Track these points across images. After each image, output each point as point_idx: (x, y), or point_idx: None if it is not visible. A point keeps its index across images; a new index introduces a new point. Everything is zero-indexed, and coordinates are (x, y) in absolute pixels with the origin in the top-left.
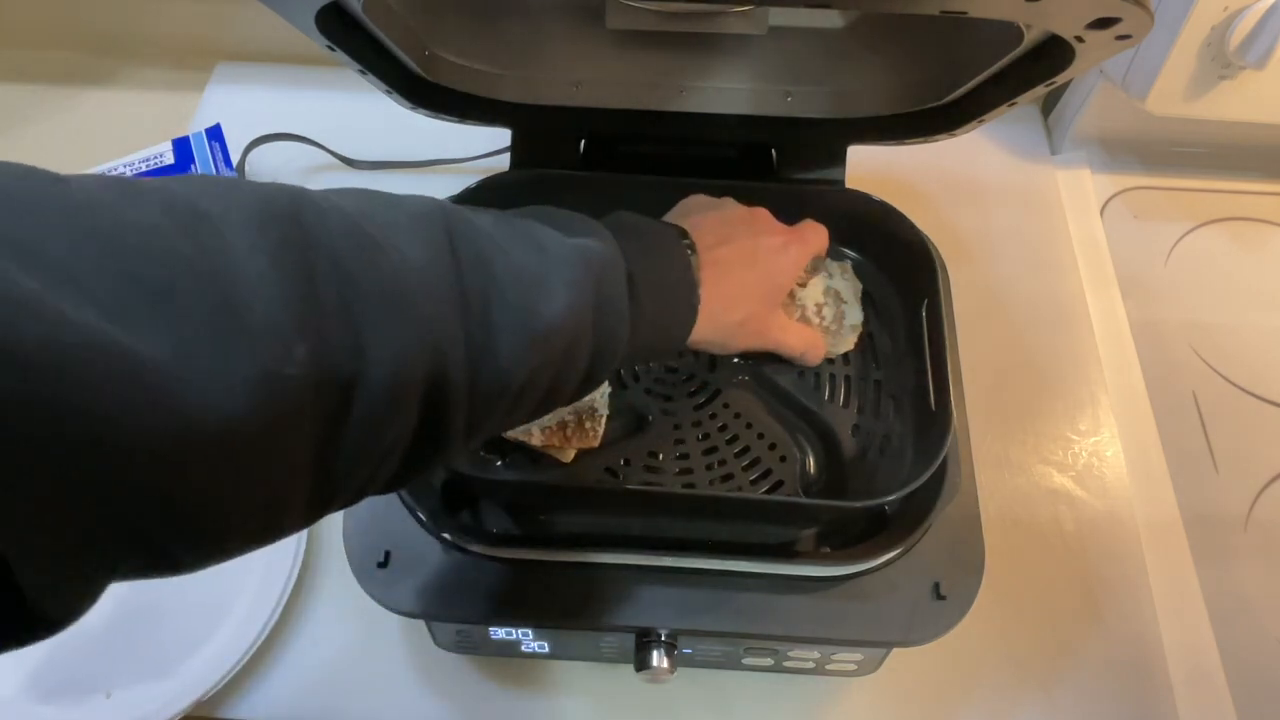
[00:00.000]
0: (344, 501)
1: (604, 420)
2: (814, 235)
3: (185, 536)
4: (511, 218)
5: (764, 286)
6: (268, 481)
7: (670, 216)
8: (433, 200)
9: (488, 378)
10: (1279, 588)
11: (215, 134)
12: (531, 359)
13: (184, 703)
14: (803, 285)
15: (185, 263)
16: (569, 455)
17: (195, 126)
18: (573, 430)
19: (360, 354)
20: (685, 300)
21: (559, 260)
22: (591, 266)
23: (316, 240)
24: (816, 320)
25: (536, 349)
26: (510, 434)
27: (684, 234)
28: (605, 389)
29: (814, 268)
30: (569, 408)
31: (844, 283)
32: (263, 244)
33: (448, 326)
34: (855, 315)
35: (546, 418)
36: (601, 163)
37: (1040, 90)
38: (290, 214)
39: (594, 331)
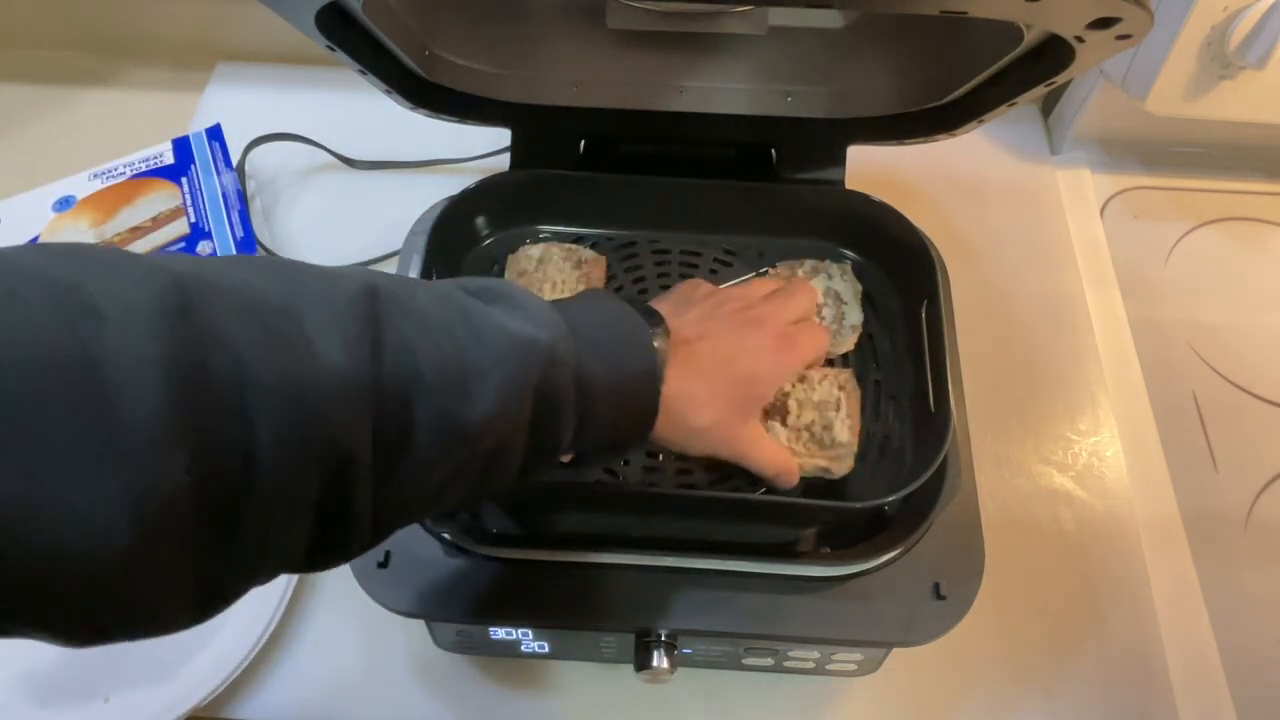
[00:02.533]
0: (238, 594)
1: None
2: (808, 344)
3: (62, 638)
4: (455, 295)
5: (739, 391)
6: (145, 593)
7: (662, 298)
8: (363, 278)
9: (401, 478)
10: (1279, 588)
11: (215, 134)
12: (453, 458)
13: (183, 707)
14: None
15: (59, 377)
16: (569, 456)
17: (195, 126)
18: None
19: (251, 460)
20: (645, 400)
21: (496, 356)
22: (533, 366)
23: (212, 335)
24: (816, 320)
25: (458, 449)
26: None
27: (657, 322)
28: None
29: (813, 270)
30: None
31: (844, 284)
32: (153, 348)
33: (355, 429)
34: (855, 316)
35: None
36: (601, 163)
37: (1040, 90)
38: (183, 306)
39: (530, 431)
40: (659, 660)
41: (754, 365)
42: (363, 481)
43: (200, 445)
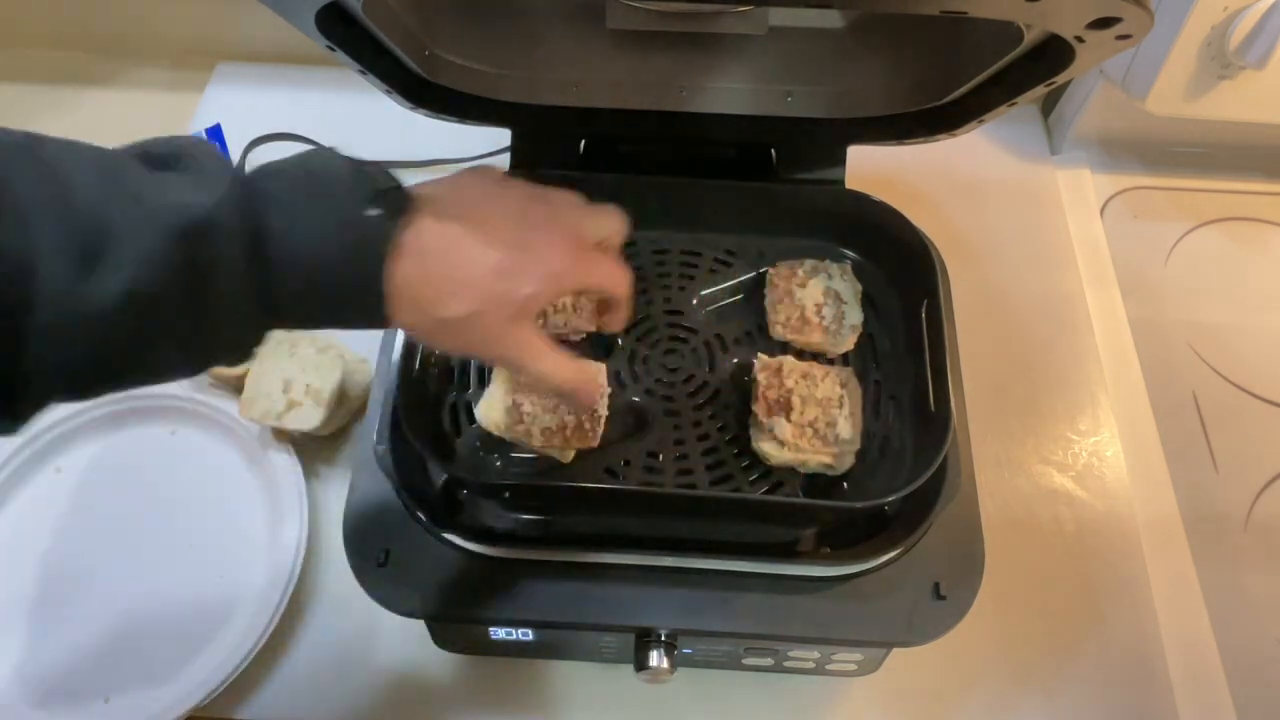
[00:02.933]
0: None
1: (603, 421)
2: (602, 268)
3: None
4: (120, 161)
5: (502, 287)
6: None
7: (433, 180)
8: None
9: (32, 352)
10: (1279, 588)
11: (215, 134)
12: (88, 334)
13: (183, 707)
14: (802, 286)
15: None
16: (568, 456)
17: (195, 126)
18: (572, 431)
19: None
20: (359, 278)
21: (134, 226)
22: (183, 234)
23: None
24: (816, 320)
25: (87, 330)
26: (510, 436)
27: (388, 190)
28: (606, 389)
29: (813, 269)
30: (569, 409)
31: (843, 284)
32: None
33: None
34: (855, 316)
35: (546, 418)
36: (601, 163)
37: (1040, 90)
38: None
39: (187, 306)
40: (659, 660)
41: (522, 259)
42: None
43: None
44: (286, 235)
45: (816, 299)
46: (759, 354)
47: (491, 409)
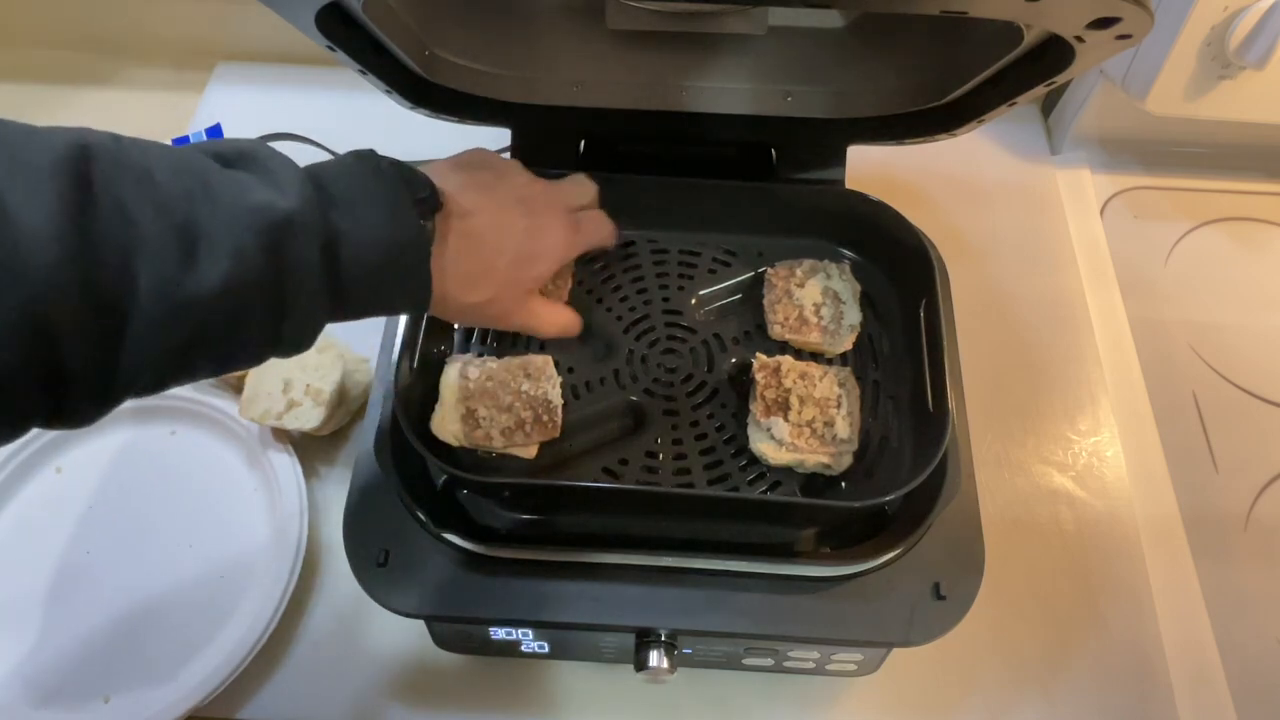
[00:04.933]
0: None
1: (560, 410)
2: (593, 228)
3: None
4: (196, 159)
5: (517, 271)
6: None
7: (440, 165)
8: (75, 136)
9: (128, 343)
10: (1279, 588)
11: (215, 134)
12: (183, 325)
13: (183, 707)
14: (801, 286)
15: None
16: (531, 451)
17: (195, 126)
18: (531, 426)
19: None
20: (412, 273)
21: (228, 223)
22: (272, 235)
23: None
24: (815, 320)
25: (186, 316)
26: (470, 443)
27: (427, 194)
28: (556, 379)
29: (811, 269)
30: (524, 405)
31: (842, 283)
32: None
33: (59, 293)
34: (853, 316)
35: (502, 418)
36: (601, 163)
37: (1040, 90)
38: None
39: (270, 302)
40: (659, 660)
41: (533, 243)
42: (75, 344)
43: None
44: (351, 234)
45: (815, 299)
46: (757, 354)
47: (446, 421)
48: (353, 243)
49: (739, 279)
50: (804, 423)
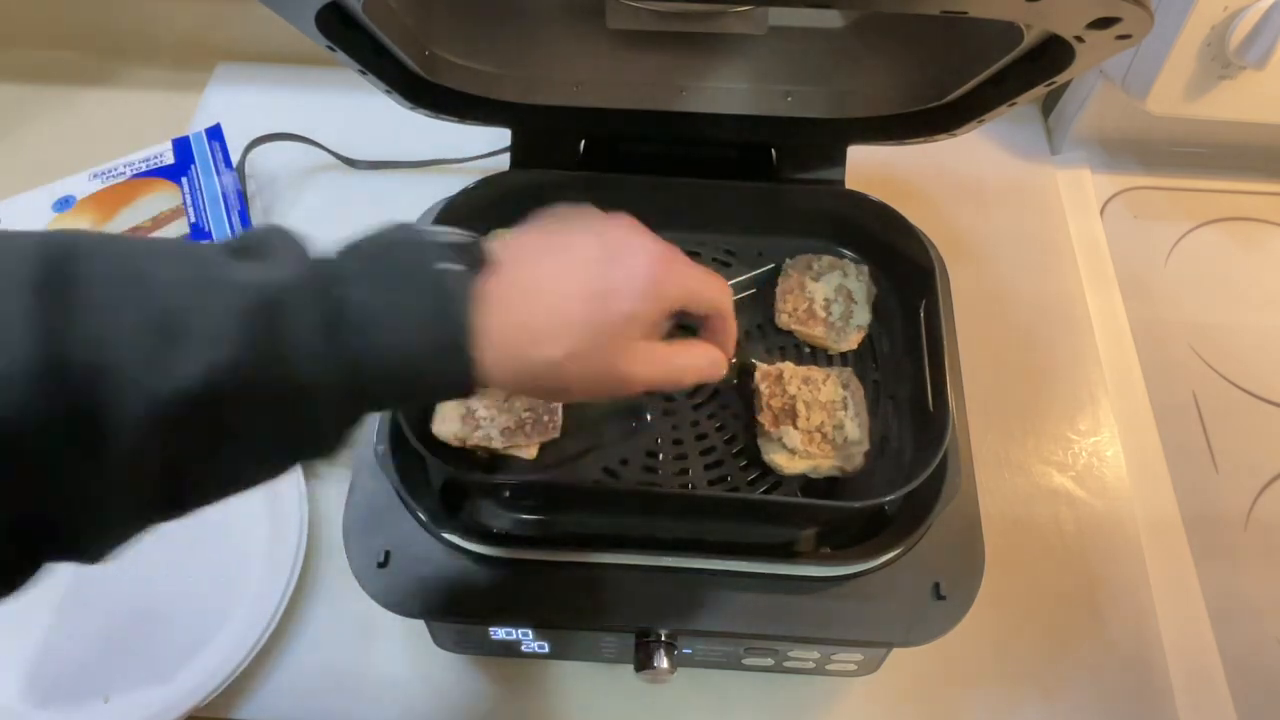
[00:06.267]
0: None
1: (560, 410)
2: (701, 275)
3: None
4: (198, 252)
5: (597, 317)
6: None
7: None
8: (55, 239)
9: (111, 454)
10: (1279, 588)
11: (215, 134)
12: (164, 431)
13: (183, 707)
14: (816, 280)
15: None
16: (532, 451)
17: (195, 126)
18: (532, 426)
19: None
20: (444, 336)
21: (212, 305)
22: (260, 310)
23: None
24: (823, 314)
25: (168, 419)
26: (470, 443)
27: (468, 252)
28: None
29: (830, 265)
30: (524, 405)
31: (858, 284)
32: None
33: (24, 413)
34: (863, 316)
35: (502, 418)
36: (601, 163)
37: (1040, 90)
38: None
39: (270, 393)
40: (659, 660)
41: (616, 277)
42: (44, 476)
43: None
44: (365, 305)
45: (827, 294)
46: (757, 363)
47: (445, 421)
48: (367, 312)
49: (739, 279)
50: (813, 428)
